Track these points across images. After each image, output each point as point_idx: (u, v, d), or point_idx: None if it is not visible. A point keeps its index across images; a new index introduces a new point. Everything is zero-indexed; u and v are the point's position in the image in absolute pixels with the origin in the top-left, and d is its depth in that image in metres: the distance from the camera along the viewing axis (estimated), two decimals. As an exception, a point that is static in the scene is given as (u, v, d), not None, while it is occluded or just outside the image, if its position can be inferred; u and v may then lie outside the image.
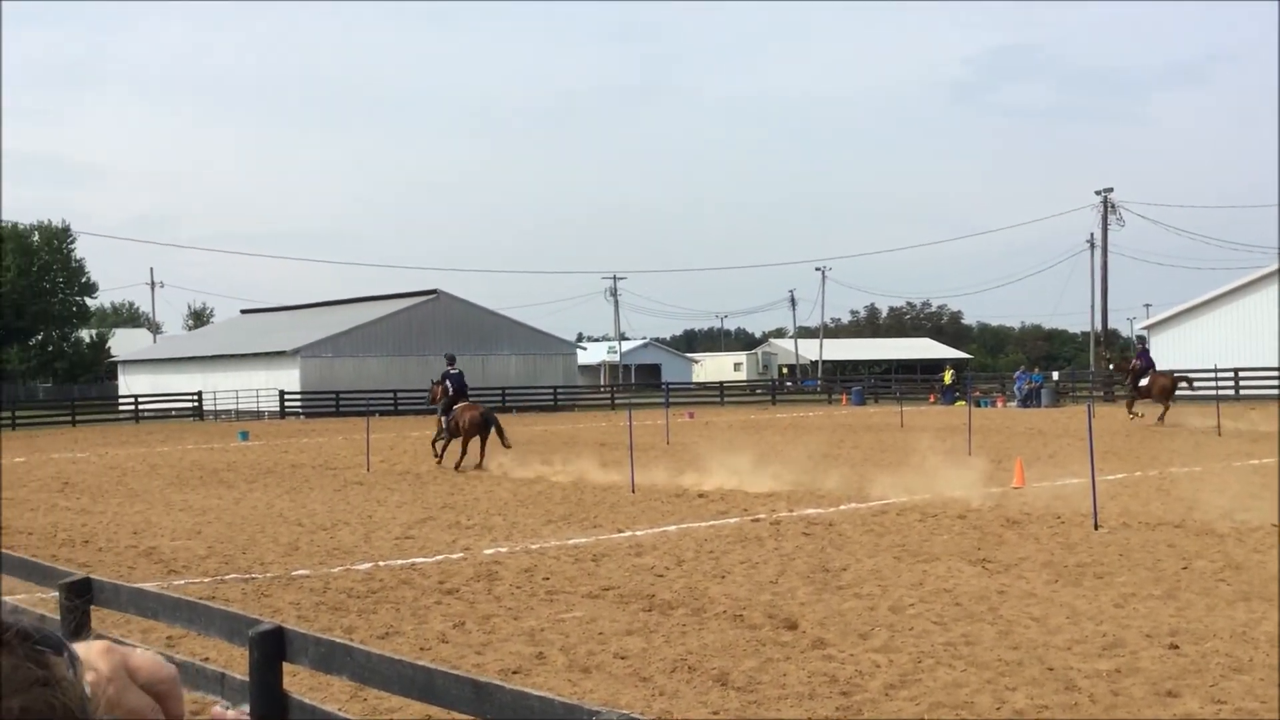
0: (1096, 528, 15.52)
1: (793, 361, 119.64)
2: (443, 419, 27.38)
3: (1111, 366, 44.35)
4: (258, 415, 60.94)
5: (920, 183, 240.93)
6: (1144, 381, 37.40)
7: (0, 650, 0.93)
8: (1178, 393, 37.66)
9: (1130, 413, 37.80)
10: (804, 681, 8.60)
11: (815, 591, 11.90)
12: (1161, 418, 36.65)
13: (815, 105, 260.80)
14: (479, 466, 26.46)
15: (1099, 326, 73.36)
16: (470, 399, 27.59)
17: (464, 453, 26.68)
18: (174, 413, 61.97)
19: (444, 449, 27.36)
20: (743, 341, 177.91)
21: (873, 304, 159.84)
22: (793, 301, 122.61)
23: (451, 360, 28.49)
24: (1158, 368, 38.79)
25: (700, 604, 11.45)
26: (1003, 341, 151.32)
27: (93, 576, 6.78)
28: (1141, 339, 41.89)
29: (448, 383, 27.41)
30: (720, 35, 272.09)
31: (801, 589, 12.02)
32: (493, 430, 26.48)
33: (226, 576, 13.54)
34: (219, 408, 62.89)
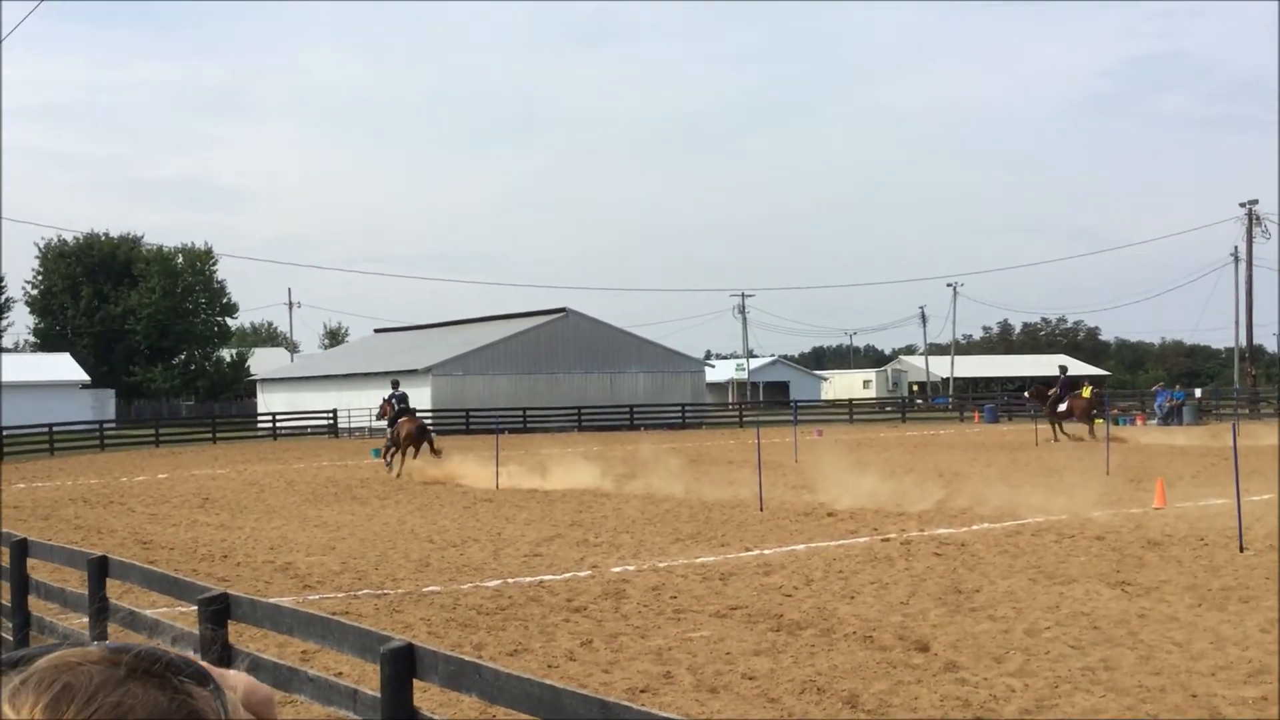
0: (1242, 550, 15.02)
1: (923, 379, 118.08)
2: (389, 431, 32.42)
3: (1026, 394, 46.40)
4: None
5: (1056, 196, 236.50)
6: (1062, 406, 40.29)
7: (151, 683, 0.94)
8: (1095, 413, 40.25)
9: (1056, 439, 39.96)
10: (936, 705, 8.45)
11: (947, 613, 11.70)
12: (1087, 434, 39.41)
13: (949, 117, 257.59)
14: (435, 453, 31.25)
15: (1243, 342, 71.10)
16: (412, 415, 32.61)
17: (402, 459, 31.30)
18: (309, 430, 63.40)
19: (391, 457, 31.98)
20: (872, 359, 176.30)
21: (1006, 320, 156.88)
22: (923, 318, 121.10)
23: (396, 384, 35.10)
24: (1077, 392, 41.59)
25: (829, 624, 11.34)
26: (1141, 358, 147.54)
27: (230, 592, 6.95)
28: (1062, 368, 44.23)
29: (394, 401, 32.57)
30: (853, 51, 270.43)
31: (933, 610, 11.83)
32: (425, 441, 31.46)
33: (359, 592, 13.79)
34: (353, 425, 64.17)
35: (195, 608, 7.29)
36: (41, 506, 26.23)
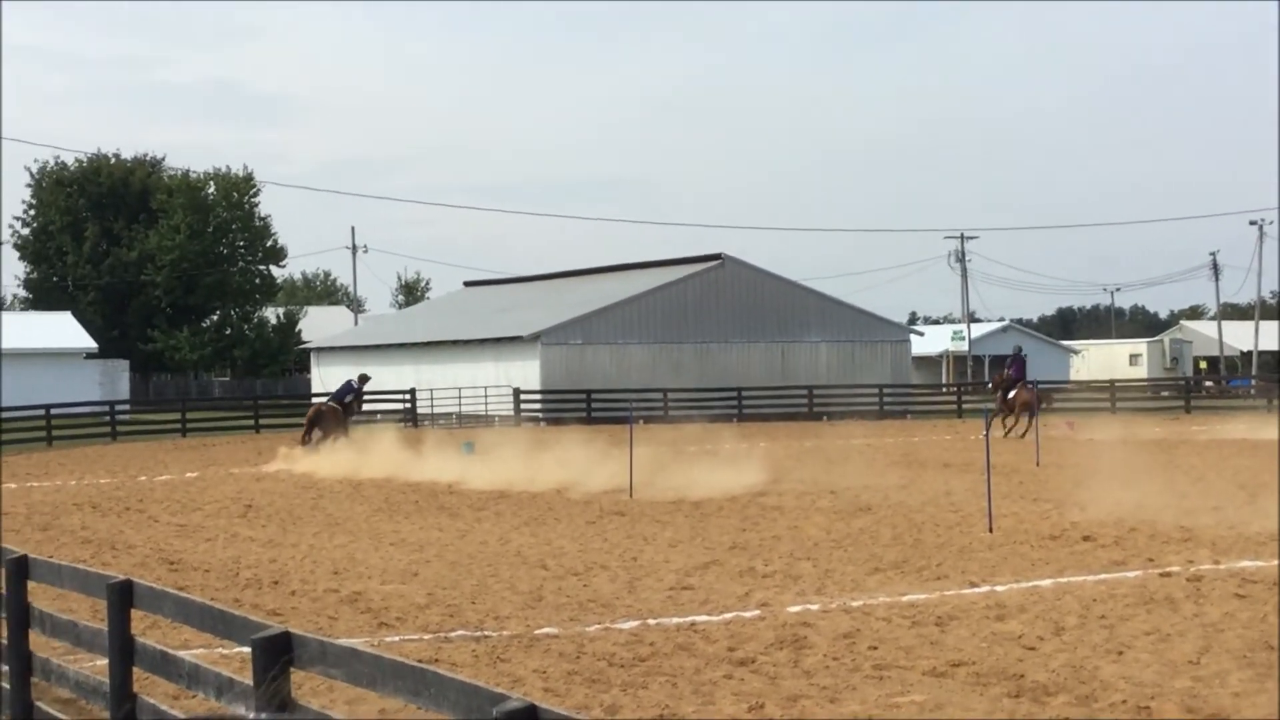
0: None
1: (1215, 352, 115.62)
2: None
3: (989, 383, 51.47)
4: (486, 420, 62.85)
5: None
6: (1011, 394, 44.97)
7: None
8: (1041, 409, 43.05)
9: (1003, 427, 44.07)
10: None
11: (1254, 678, 11.48)
12: (1023, 434, 42.75)
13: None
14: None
15: None
16: (344, 401, 41.31)
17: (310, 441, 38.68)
18: (380, 416, 64.49)
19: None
20: (1142, 324, 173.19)
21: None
22: (1215, 269, 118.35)
23: (364, 379, 43.12)
24: (1029, 380, 45.91)
25: (1089, 690, 11.21)
26: None
27: (294, 630, 7.13)
28: (1018, 348, 48.65)
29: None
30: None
31: (1234, 674, 11.62)
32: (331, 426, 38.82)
33: (452, 633, 14.03)
34: (436, 409, 65.13)
35: (245, 649, 7.50)
36: (38, 513, 27.17)
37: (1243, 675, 11.59)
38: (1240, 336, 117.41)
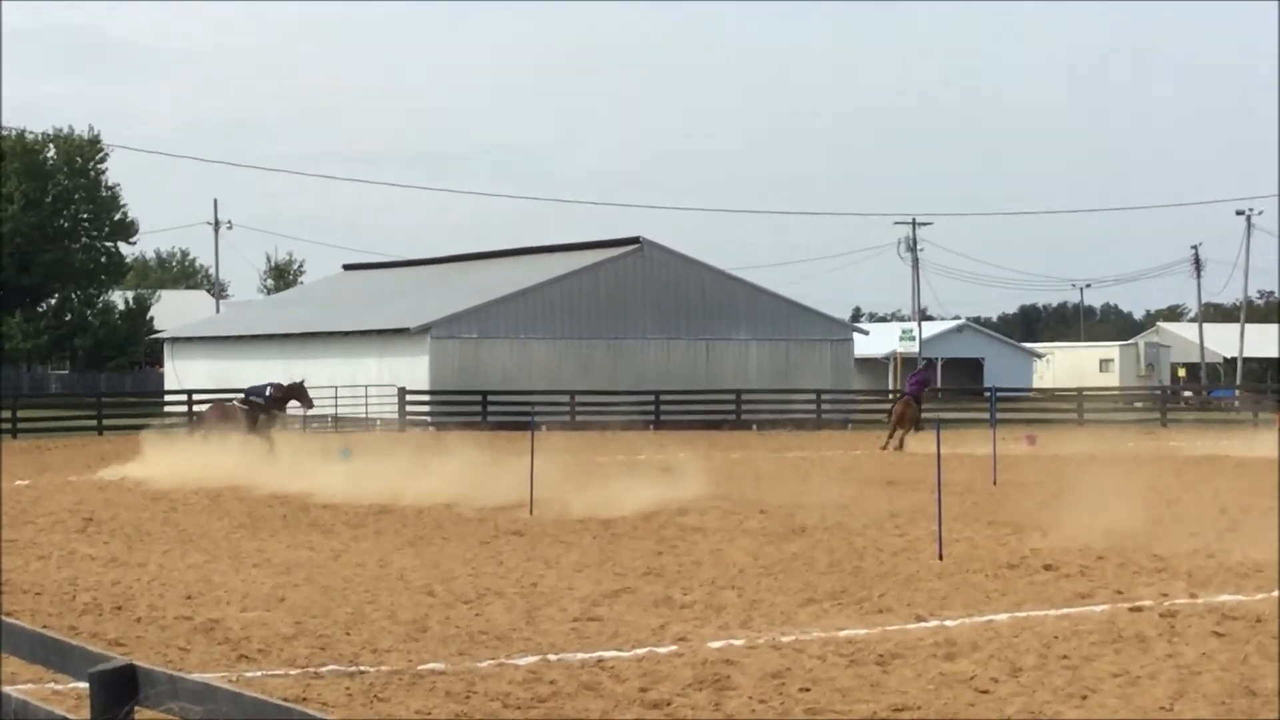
0: None
1: (1195, 358, 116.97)
2: None
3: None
4: (367, 423, 62.55)
5: None
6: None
7: None
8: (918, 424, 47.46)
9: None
10: None
11: (1234, 727, 11.61)
12: (889, 447, 46.72)
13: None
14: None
15: None
16: (250, 400, 42.08)
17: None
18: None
19: None
20: (1115, 326, 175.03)
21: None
22: (1197, 263, 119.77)
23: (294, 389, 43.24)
24: (911, 394, 49.53)
25: (1048, 739, 11.29)
26: None
27: (138, 663, 7.07)
28: (928, 361, 56.61)
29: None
30: None
31: (1211, 722, 11.75)
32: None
33: (322, 668, 13.95)
34: (310, 410, 64.70)
35: (82, 684, 7.42)
36: None
37: (1221, 724, 11.71)
38: (1224, 341, 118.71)
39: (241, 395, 43.53)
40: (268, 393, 42.10)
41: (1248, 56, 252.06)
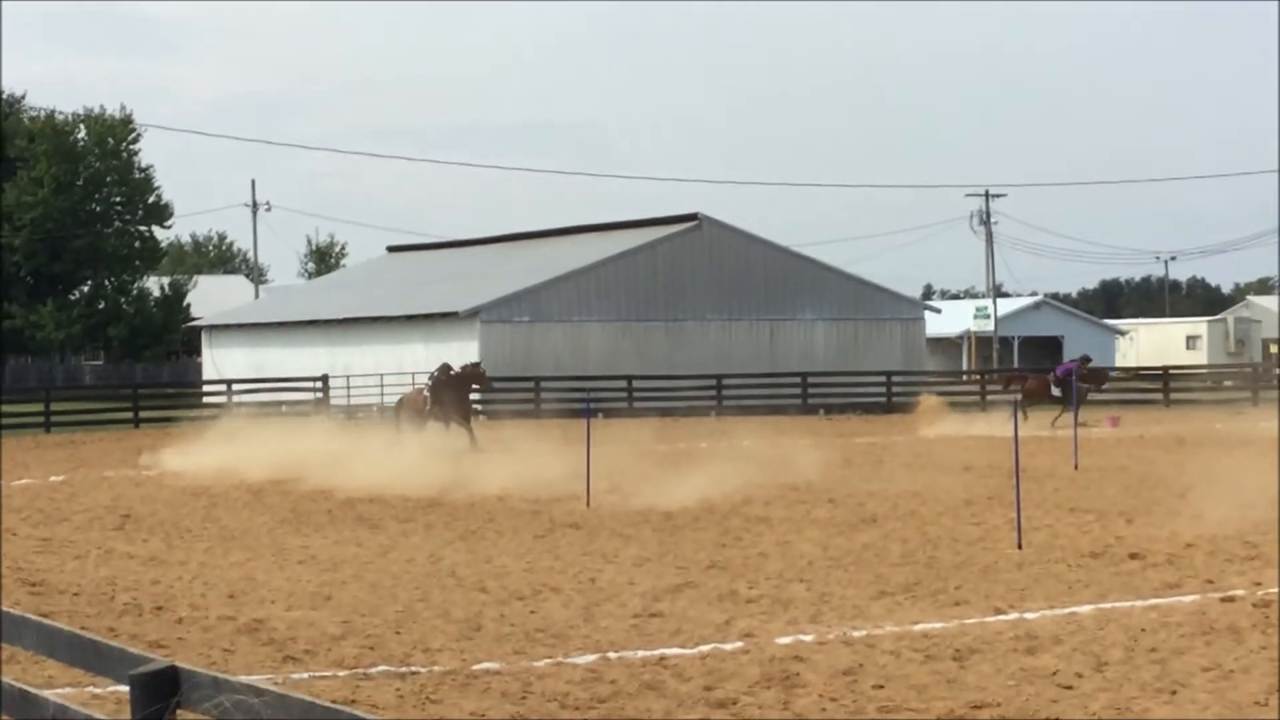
0: None
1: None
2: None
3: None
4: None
5: None
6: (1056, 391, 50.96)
7: None
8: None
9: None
10: None
11: (1333, 722, 11.57)
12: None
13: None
14: None
15: None
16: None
17: None
18: (286, 406, 64.29)
19: None
20: (1202, 300, 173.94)
21: None
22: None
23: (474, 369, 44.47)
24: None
25: (1136, 737, 11.27)
26: None
27: (181, 665, 7.12)
28: (1086, 357, 55.99)
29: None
30: None
31: (1309, 717, 11.70)
32: None
33: (372, 669, 14.02)
34: (353, 399, 64.97)
35: (122, 687, 7.47)
36: None
37: (1319, 719, 11.67)
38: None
39: (426, 383, 43.86)
40: (434, 375, 43.02)
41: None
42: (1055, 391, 51.33)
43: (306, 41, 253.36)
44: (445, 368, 43.37)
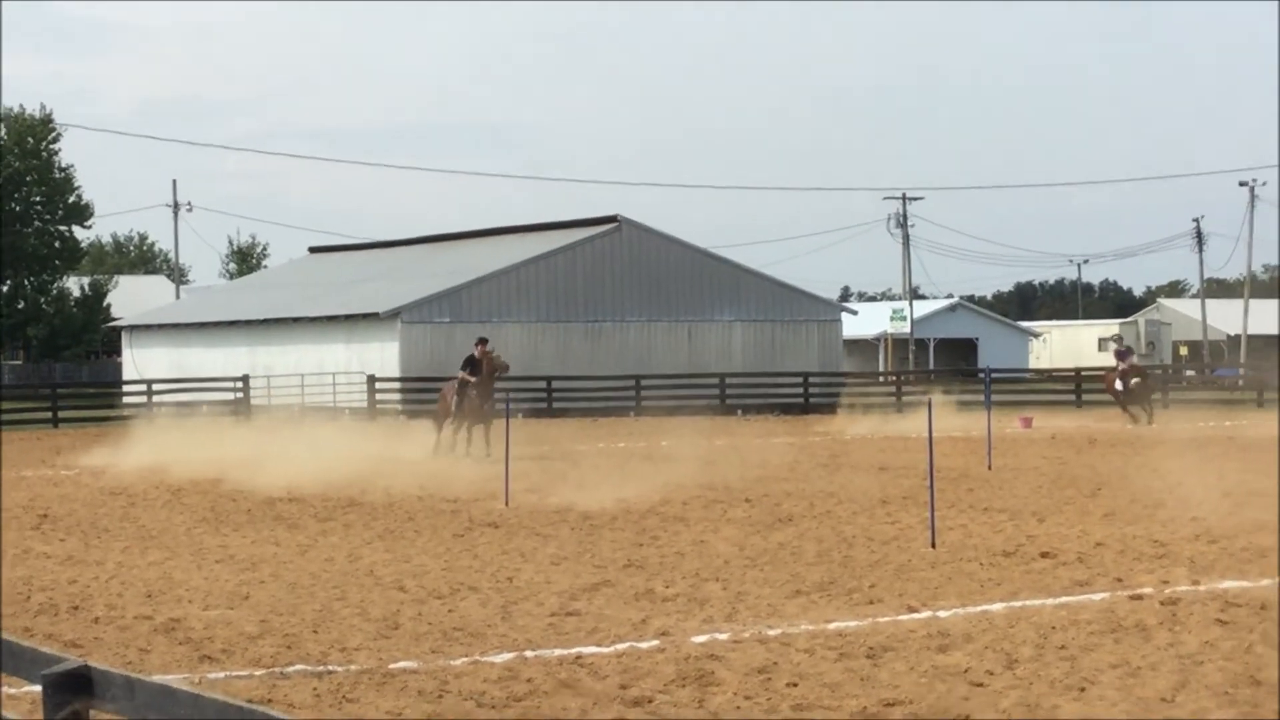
0: None
1: (1197, 336, 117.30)
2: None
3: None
4: (335, 411, 62.50)
5: None
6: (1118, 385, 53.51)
7: None
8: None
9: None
10: None
11: (1239, 718, 11.67)
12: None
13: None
14: None
15: None
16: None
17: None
18: (206, 407, 63.98)
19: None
20: (1114, 303, 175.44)
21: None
22: (1199, 237, 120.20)
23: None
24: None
25: (1045, 733, 11.33)
26: None
27: (93, 664, 7.07)
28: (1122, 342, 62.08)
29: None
30: None
31: (1214, 713, 11.80)
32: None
33: (289, 668, 13.95)
34: (275, 399, 64.69)
35: (36, 687, 7.42)
36: None
37: (1224, 715, 11.76)
38: (1227, 318, 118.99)
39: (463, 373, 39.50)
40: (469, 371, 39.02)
41: (1249, 21, 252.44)
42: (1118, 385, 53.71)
43: (229, 42, 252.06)
44: (472, 361, 39.52)
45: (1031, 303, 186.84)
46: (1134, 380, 53.24)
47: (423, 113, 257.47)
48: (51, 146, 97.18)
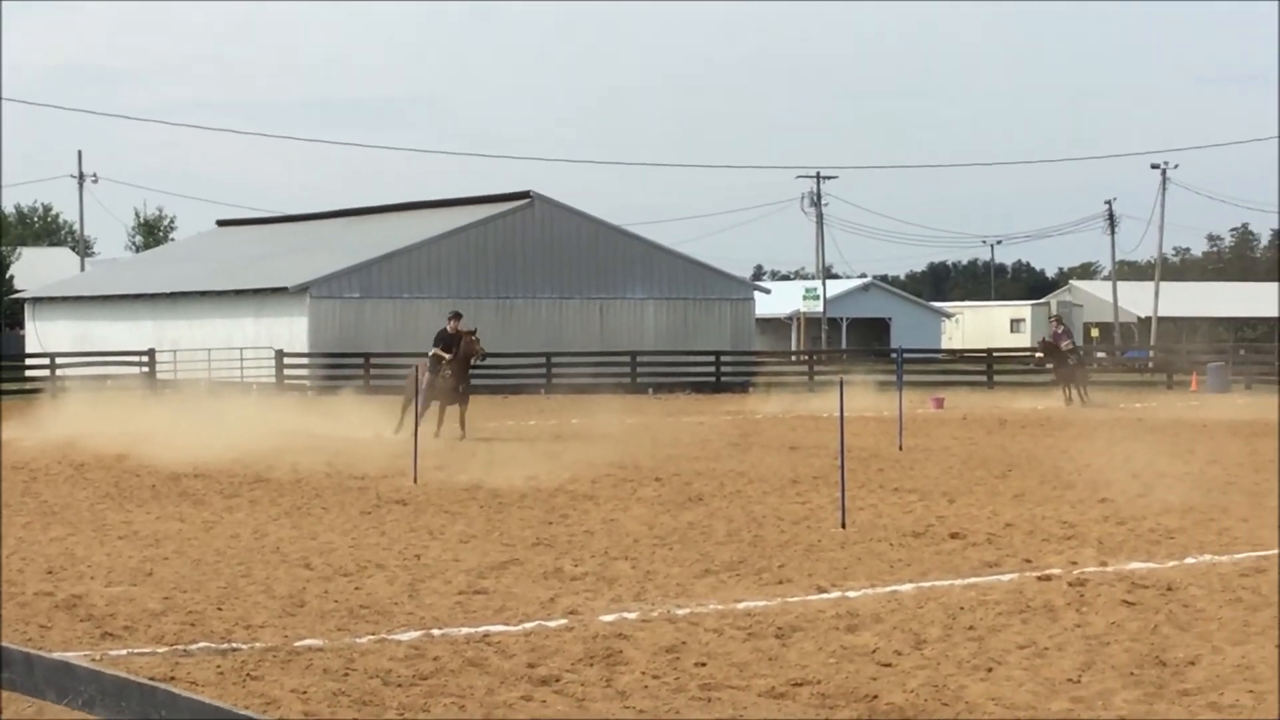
0: None
1: (1108, 318, 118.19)
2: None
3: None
4: (243, 386, 62.18)
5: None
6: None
7: None
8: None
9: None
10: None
11: (1142, 699, 11.76)
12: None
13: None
14: None
15: None
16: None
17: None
18: (112, 381, 63.52)
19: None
20: (1027, 284, 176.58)
21: (1245, 225, 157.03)
22: (1111, 219, 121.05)
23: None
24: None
25: (951, 713, 11.42)
26: None
27: (-9, 641, 6.99)
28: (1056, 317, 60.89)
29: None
30: None
31: (1119, 694, 11.90)
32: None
33: (192, 645, 13.86)
34: (181, 374, 64.31)
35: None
36: None
37: (1129, 695, 11.86)
38: (1137, 300, 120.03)
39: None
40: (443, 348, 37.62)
41: (1163, 4, 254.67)
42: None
43: (138, 13, 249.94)
44: (445, 337, 38.19)
45: (944, 283, 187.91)
46: (1070, 358, 53.79)
47: (334, 86, 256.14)
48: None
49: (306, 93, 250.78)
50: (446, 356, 37.17)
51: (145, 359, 63.83)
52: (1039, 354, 59.69)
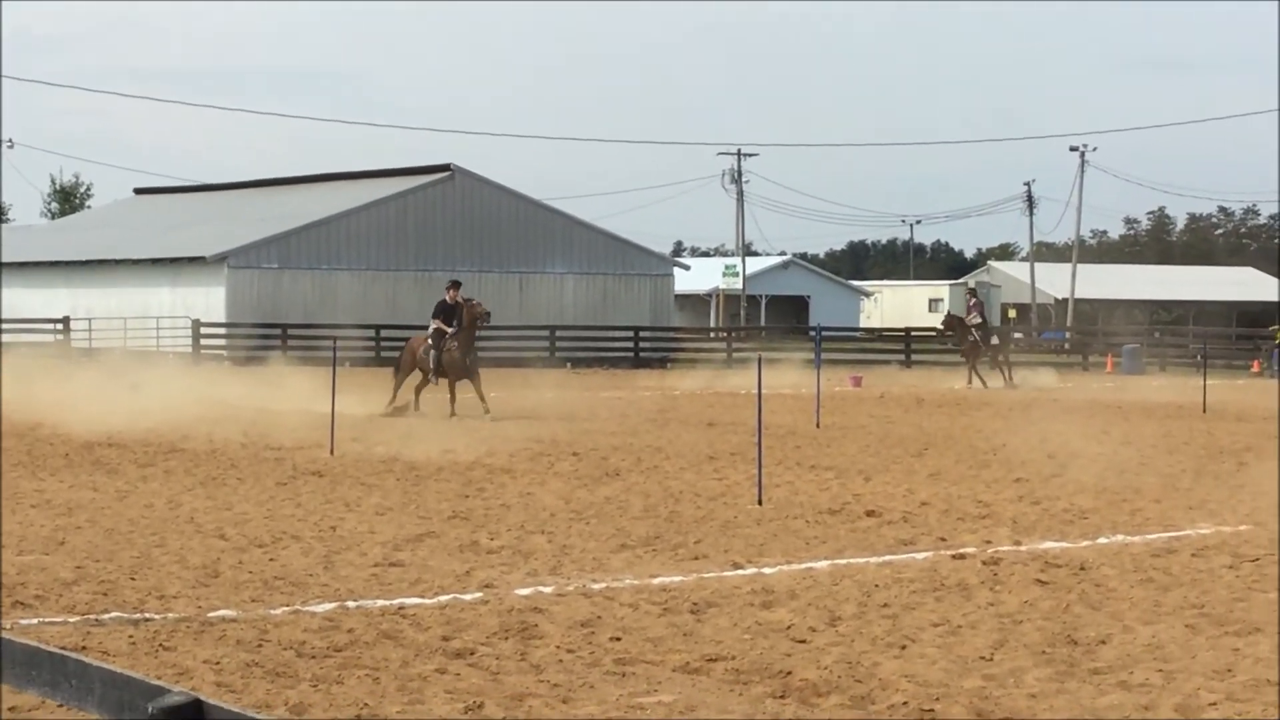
0: None
1: (1026, 299, 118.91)
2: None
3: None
4: (159, 356, 61.81)
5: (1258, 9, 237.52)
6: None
7: None
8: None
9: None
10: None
11: (1053, 676, 11.85)
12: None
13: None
14: None
15: None
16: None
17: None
18: (25, 349, 63.03)
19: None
20: (945, 264, 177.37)
21: (1162, 209, 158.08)
22: (1030, 201, 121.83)
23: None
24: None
25: (865, 689, 11.46)
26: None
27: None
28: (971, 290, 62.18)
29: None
30: None
31: (1031, 672, 11.98)
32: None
33: (105, 615, 13.78)
34: (95, 343, 63.91)
35: None
36: None
37: (1040, 674, 11.94)
38: (1055, 281, 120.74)
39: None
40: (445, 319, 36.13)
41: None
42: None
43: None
44: (445, 308, 36.72)
45: (864, 262, 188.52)
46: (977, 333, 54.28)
47: (255, 55, 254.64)
48: None
49: (228, 62, 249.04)
50: (449, 329, 35.69)
51: (59, 327, 63.39)
52: (945, 330, 59.94)
